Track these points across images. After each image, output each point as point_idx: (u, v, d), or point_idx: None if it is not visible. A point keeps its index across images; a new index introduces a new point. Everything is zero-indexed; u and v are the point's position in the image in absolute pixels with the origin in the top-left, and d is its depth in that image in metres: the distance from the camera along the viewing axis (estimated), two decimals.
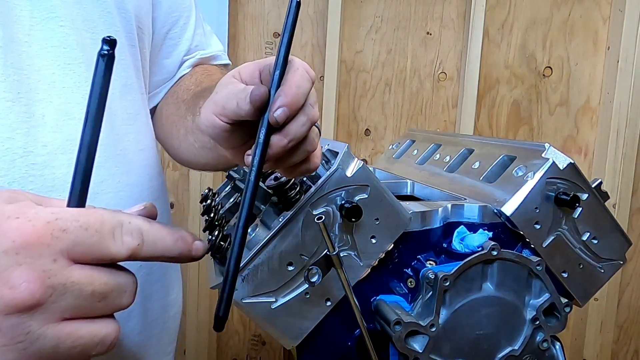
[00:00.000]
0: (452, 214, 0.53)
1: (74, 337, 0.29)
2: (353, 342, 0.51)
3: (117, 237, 0.30)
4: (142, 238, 0.31)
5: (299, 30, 1.31)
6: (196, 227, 1.33)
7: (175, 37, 0.71)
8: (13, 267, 0.27)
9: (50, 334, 0.28)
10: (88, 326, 0.29)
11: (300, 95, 0.38)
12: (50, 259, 0.28)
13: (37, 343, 0.28)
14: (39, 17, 0.51)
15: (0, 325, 0.27)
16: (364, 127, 1.37)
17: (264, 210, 0.50)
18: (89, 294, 0.29)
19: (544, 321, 0.51)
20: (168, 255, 0.32)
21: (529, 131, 1.37)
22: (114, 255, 0.30)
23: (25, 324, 0.27)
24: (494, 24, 1.33)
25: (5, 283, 0.27)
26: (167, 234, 0.32)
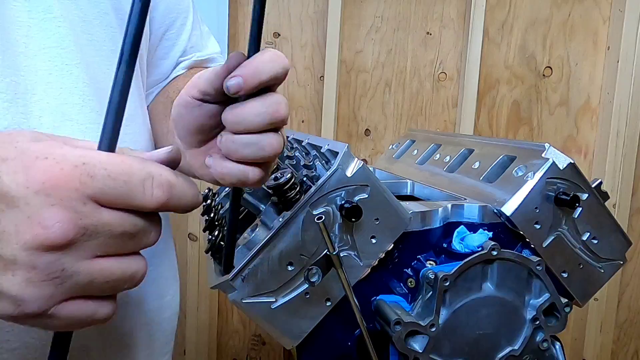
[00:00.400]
0: (452, 214, 0.53)
1: (106, 273, 0.30)
2: (353, 342, 0.51)
3: (146, 189, 0.30)
4: (171, 192, 0.31)
5: (298, 30, 1.32)
6: (196, 227, 1.33)
7: (172, 38, 0.71)
8: (45, 207, 0.28)
9: (84, 271, 0.30)
10: (119, 263, 0.31)
11: (262, 72, 0.36)
12: (80, 201, 0.29)
13: (71, 279, 0.29)
14: (37, 17, 0.51)
15: (36, 262, 0.28)
16: (364, 127, 1.37)
17: (264, 210, 0.50)
18: (119, 234, 0.30)
19: (544, 321, 0.51)
20: (186, 208, 0.33)
21: (529, 131, 1.37)
22: (142, 207, 0.31)
23: (60, 261, 0.29)
24: (494, 24, 1.33)
25: (38, 222, 0.28)
26: (189, 188, 0.33)
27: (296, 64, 1.33)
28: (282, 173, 0.48)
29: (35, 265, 0.28)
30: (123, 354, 0.62)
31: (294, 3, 1.31)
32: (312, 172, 0.52)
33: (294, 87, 1.34)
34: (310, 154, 0.59)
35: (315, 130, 1.34)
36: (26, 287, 0.29)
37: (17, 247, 0.28)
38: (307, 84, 1.34)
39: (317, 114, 1.34)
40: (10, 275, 0.28)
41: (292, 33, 1.31)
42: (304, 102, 1.34)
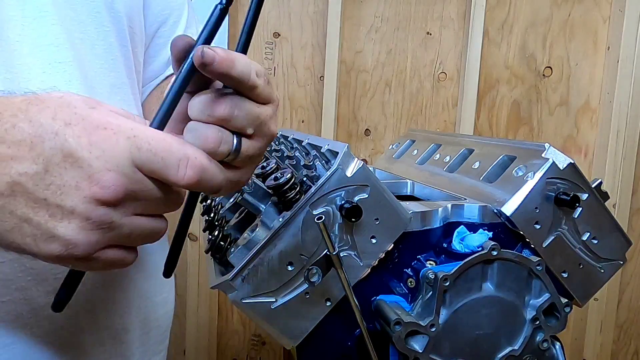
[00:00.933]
0: (452, 214, 0.53)
1: (142, 228, 0.37)
2: (353, 342, 0.51)
3: (180, 168, 0.35)
4: (201, 175, 0.36)
5: (299, 30, 1.32)
6: (196, 227, 1.33)
7: (164, 35, 0.71)
8: (104, 171, 0.34)
9: (127, 224, 0.36)
10: (150, 221, 0.38)
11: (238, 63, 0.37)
12: (130, 169, 0.34)
13: (116, 229, 0.35)
14: (30, 16, 0.51)
15: (91, 214, 0.34)
16: (364, 127, 1.37)
17: (264, 210, 0.50)
18: (155, 199, 0.36)
19: (544, 321, 0.51)
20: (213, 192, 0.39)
21: (529, 131, 1.37)
22: (173, 182, 0.36)
23: (109, 215, 0.35)
24: (494, 24, 1.33)
25: (97, 183, 0.34)
26: (220, 173, 0.38)
27: (296, 64, 1.33)
28: (282, 173, 0.48)
29: (90, 216, 0.34)
30: (118, 350, 0.62)
31: (294, 3, 1.31)
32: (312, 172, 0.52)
33: (294, 87, 1.34)
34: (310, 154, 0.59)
35: (315, 130, 1.34)
36: (79, 233, 0.34)
37: (77, 200, 0.34)
38: (307, 84, 1.34)
39: (317, 114, 1.34)
40: (67, 222, 0.34)
41: (292, 33, 1.31)
42: (304, 102, 1.34)
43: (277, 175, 0.48)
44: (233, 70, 0.37)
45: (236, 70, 0.37)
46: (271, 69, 1.33)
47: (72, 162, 0.33)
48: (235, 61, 0.37)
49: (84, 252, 0.35)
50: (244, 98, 0.39)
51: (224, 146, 0.38)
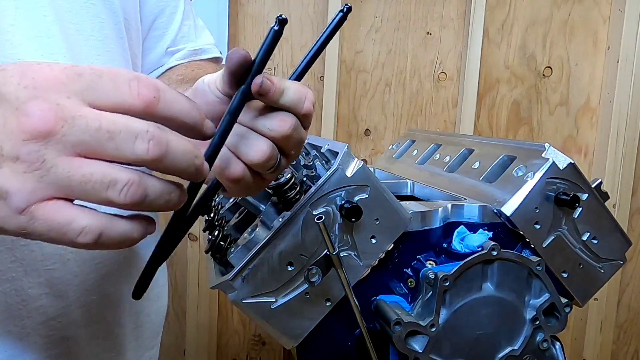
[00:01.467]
0: (452, 214, 0.53)
1: (84, 171, 0.30)
2: (353, 342, 0.51)
3: (132, 87, 0.30)
4: (159, 94, 0.31)
5: (299, 30, 1.32)
6: (196, 227, 1.33)
7: (161, 27, 0.70)
8: (31, 99, 0.29)
9: (63, 164, 0.29)
10: (100, 165, 0.30)
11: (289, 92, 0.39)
12: (64, 95, 0.29)
13: (51, 171, 0.29)
14: (23, 7, 0.51)
15: (19, 152, 0.29)
16: (364, 127, 1.37)
17: (264, 210, 0.50)
18: (95, 129, 0.29)
19: (544, 321, 0.51)
20: (182, 120, 0.32)
21: (529, 131, 1.37)
22: (129, 105, 0.30)
23: (41, 152, 0.29)
24: (494, 24, 1.33)
25: (23, 113, 0.29)
26: (184, 99, 0.32)
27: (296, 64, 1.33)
28: (282, 173, 0.48)
29: (18, 155, 0.29)
30: (110, 344, 0.62)
31: (294, 3, 1.31)
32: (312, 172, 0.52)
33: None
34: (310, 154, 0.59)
35: (315, 130, 1.34)
36: (11, 179, 0.29)
37: (4, 138, 0.29)
38: (307, 84, 1.34)
39: (317, 114, 1.34)
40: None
41: (292, 33, 1.31)
42: None
43: None
44: (284, 99, 0.39)
45: (286, 99, 0.39)
46: (271, 69, 1.33)
47: (0, 99, 0.29)
48: (286, 90, 0.39)
49: (19, 201, 0.29)
50: (299, 121, 0.40)
51: (271, 161, 0.40)
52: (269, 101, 0.39)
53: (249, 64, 0.39)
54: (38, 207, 0.30)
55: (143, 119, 0.30)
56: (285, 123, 0.39)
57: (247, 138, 0.39)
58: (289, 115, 0.40)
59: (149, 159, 0.30)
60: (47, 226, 0.30)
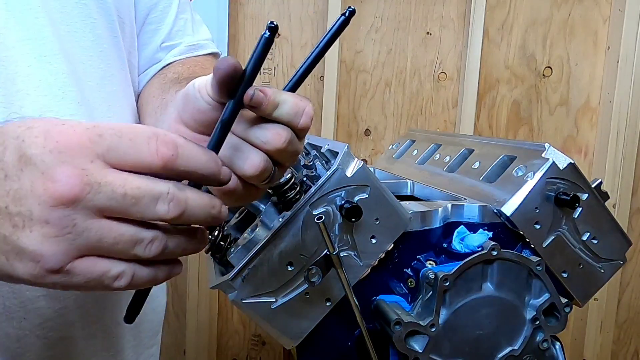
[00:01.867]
0: (452, 214, 0.53)
1: (115, 233, 0.31)
2: (353, 342, 0.51)
3: (151, 146, 0.31)
4: (177, 151, 0.32)
5: (299, 30, 1.31)
6: None
7: (155, 21, 0.69)
8: (57, 164, 0.30)
9: (94, 227, 0.31)
10: (128, 227, 0.32)
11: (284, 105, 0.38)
12: (87, 159, 0.30)
13: (83, 235, 0.31)
14: (14, 9, 0.51)
15: (49, 217, 0.30)
16: (364, 127, 1.37)
17: (264, 210, 0.50)
18: (121, 195, 0.31)
19: (544, 321, 0.51)
20: (200, 173, 0.33)
21: (529, 131, 1.37)
22: (148, 164, 0.31)
23: (71, 216, 0.30)
24: (494, 24, 1.33)
25: (49, 178, 0.30)
26: (201, 151, 0.34)
27: (296, 64, 1.33)
28: None
29: (48, 219, 0.30)
30: (108, 344, 0.62)
31: (294, 3, 1.31)
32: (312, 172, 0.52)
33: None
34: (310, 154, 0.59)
35: (315, 130, 1.34)
36: (43, 242, 0.30)
37: (32, 202, 0.30)
38: (307, 84, 1.34)
39: (317, 114, 1.34)
40: (28, 231, 0.30)
41: (292, 33, 1.31)
42: None
43: None
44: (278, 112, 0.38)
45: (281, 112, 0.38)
46: (271, 69, 1.33)
47: (27, 162, 0.30)
48: (282, 104, 0.38)
49: (55, 264, 0.31)
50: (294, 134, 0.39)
51: (265, 174, 0.39)
52: (262, 114, 0.38)
53: (239, 73, 0.37)
54: (73, 265, 0.31)
55: (162, 175, 0.32)
56: (280, 137, 0.38)
57: (241, 150, 0.38)
58: (284, 129, 0.38)
59: (169, 218, 0.32)
60: (85, 279, 0.32)
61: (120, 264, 0.33)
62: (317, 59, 0.40)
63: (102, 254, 0.32)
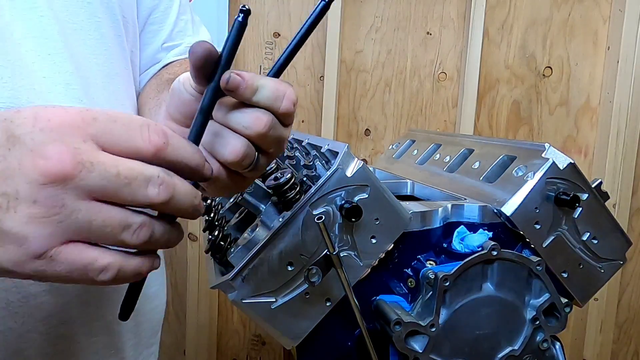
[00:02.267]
0: (452, 214, 0.53)
1: (104, 215, 0.30)
2: (353, 342, 0.51)
3: (143, 133, 0.31)
4: (168, 140, 0.32)
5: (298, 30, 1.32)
6: (196, 227, 1.33)
7: (157, 21, 0.69)
8: (48, 142, 0.29)
9: (84, 209, 0.30)
10: (118, 211, 0.31)
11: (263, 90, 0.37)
12: (80, 139, 0.30)
13: (71, 216, 0.30)
14: (19, 7, 0.51)
15: (37, 196, 0.29)
16: (364, 127, 1.37)
17: (264, 210, 0.50)
18: (113, 175, 0.30)
19: (544, 321, 0.51)
20: (186, 163, 0.33)
21: (529, 131, 1.37)
22: (140, 150, 0.31)
23: (59, 196, 0.29)
24: (494, 24, 1.33)
25: (40, 155, 0.29)
26: (188, 144, 0.34)
27: (296, 64, 1.33)
28: (282, 173, 0.48)
29: (36, 199, 0.29)
30: (109, 341, 0.62)
31: (294, 3, 1.31)
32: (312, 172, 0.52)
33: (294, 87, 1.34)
34: (310, 154, 0.59)
35: (315, 130, 1.34)
36: (28, 224, 0.29)
37: (19, 181, 0.29)
38: (307, 84, 1.34)
39: (317, 114, 1.34)
40: (13, 212, 0.29)
41: (292, 33, 1.31)
42: (304, 102, 1.34)
43: (277, 175, 0.48)
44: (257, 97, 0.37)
45: (261, 97, 0.37)
46: None
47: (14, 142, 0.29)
48: (261, 88, 0.37)
49: (38, 248, 0.29)
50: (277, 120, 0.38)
51: (247, 160, 0.38)
52: (241, 98, 0.37)
53: (215, 58, 0.37)
54: (58, 251, 0.30)
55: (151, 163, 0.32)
56: (260, 121, 0.37)
57: (222, 136, 0.38)
58: (264, 113, 0.38)
59: (159, 202, 0.31)
60: (68, 268, 0.31)
61: (107, 255, 0.31)
62: (299, 45, 0.40)
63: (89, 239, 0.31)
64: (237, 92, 0.37)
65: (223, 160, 0.38)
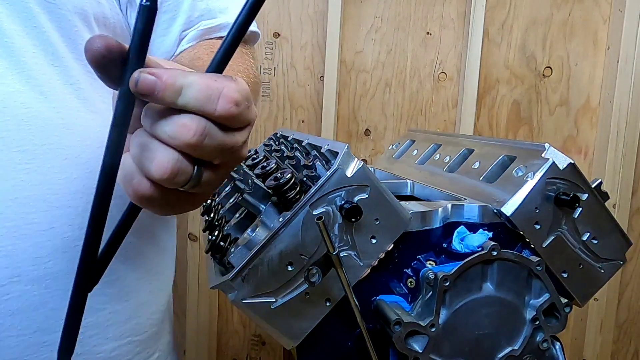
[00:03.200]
0: (452, 214, 0.53)
1: None
2: (353, 342, 0.51)
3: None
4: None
5: (299, 30, 1.32)
6: (196, 227, 1.33)
7: (170, 9, 0.60)
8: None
9: None
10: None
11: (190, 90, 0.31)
12: None
13: None
14: None
15: None
16: (364, 127, 1.37)
17: (264, 210, 0.50)
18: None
19: (544, 321, 0.51)
20: None
21: (529, 131, 1.37)
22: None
23: None
24: (494, 24, 1.33)
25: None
26: None
27: (296, 64, 1.33)
28: (282, 173, 0.48)
29: None
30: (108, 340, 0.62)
31: (294, 3, 1.31)
32: (312, 172, 0.52)
33: (293, 87, 1.34)
34: (310, 154, 0.59)
35: (315, 130, 1.34)
36: None
37: None
38: (307, 84, 1.34)
39: (317, 114, 1.34)
40: None
41: (292, 33, 1.31)
42: (304, 102, 1.34)
43: (277, 175, 0.48)
44: (182, 99, 0.31)
45: (187, 99, 0.31)
46: (271, 69, 1.33)
47: None
48: (186, 88, 0.31)
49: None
50: (214, 125, 0.32)
51: (181, 176, 0.32)
52: (162, 102, 0.31)
53: (119, 54, 0.30)
54: None
55: None
56: (186, 129, 0.31)
57: (148, 149, 0.31)
58: (193, 119, 0.31)
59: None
60: None
61: None
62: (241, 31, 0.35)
63: None
64: (153, 96, 0.30)
65: (150, 176, 0.32)
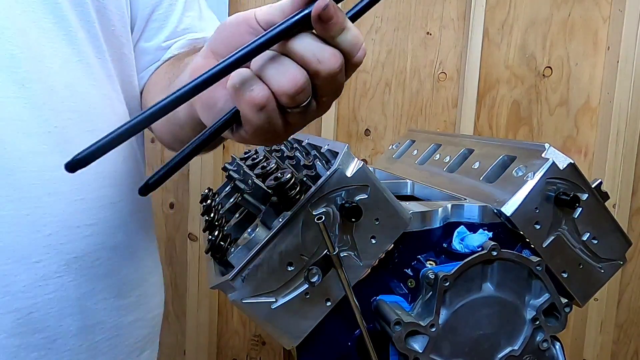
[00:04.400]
0: (452, 214, 0.53)
1: None
2: (353, 342, 0.51)
3: None
4: None
5: None
6: (196, 227, 1.33)
7: (160, 19, 0.67)
8: None
9: None
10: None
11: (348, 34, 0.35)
12: None
13: None
14: None
15: None
16: (364, 127, 1.37)
17: (264, 210, 0.50)
18: None
19: (544, 321, 0.51)
20: None
21: (529, 131, 1.37)
22: None
23: None
24: (494, 24, 1.33)
25: None
26: None
27: None
28: (282, 173, 0.48)
29: None
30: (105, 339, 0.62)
31: None
32: (312, 172, 0.52)
33: None
34: (310, 154, 0.59)
35: (315, 130, 1.34)
36: None
37: None
38: None
39: None
40: None
41: None
42: None
43: (278, 175, 0.48)
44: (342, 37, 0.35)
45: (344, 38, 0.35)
46: None
47: None
48: (347, 30, 0.35)
49: None
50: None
51: (302, 95, 0.36)
52: (325, 32, 0.34)
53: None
54: None
55: None
56: (335, 59, 0.35)
57: (280, 63, 0.35)
58: (339, 54, 0.35)
59: None
60: None
61: None
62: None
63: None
64: (325, 25, 0.34)
65: (278, 87, 0.35)
